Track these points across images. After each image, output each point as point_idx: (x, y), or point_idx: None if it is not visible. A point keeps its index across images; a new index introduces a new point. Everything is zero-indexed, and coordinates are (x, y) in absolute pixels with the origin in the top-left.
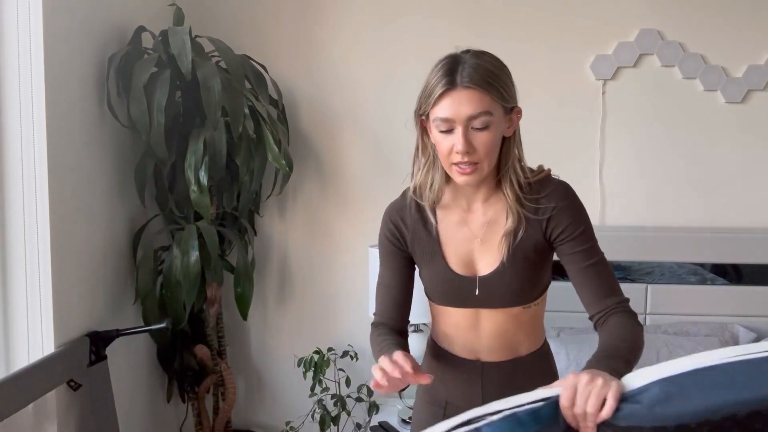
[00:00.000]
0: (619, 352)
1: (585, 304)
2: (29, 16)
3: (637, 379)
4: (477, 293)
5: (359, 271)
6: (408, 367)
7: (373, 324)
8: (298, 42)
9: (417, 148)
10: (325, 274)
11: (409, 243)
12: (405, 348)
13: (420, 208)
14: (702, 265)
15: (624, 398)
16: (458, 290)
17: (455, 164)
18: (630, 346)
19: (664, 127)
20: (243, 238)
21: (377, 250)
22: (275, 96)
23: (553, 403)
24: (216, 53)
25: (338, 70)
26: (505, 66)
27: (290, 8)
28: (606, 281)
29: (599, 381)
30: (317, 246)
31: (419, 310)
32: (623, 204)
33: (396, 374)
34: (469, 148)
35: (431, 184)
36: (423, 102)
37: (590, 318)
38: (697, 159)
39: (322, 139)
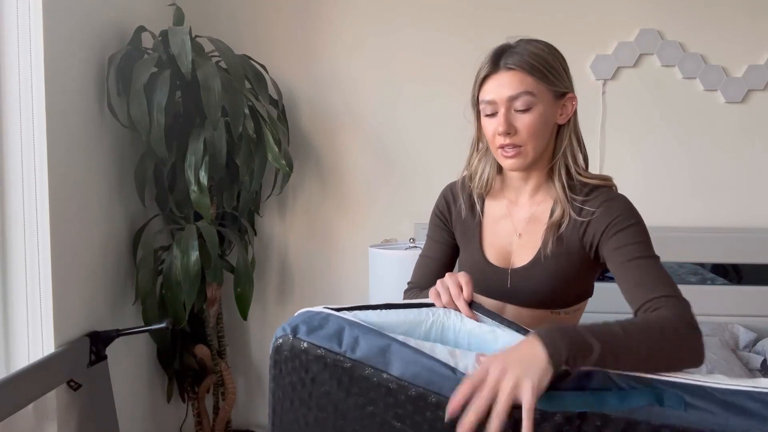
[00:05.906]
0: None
1: (628, 303)
2: (29, 16)
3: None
4: (509, 285)
5: (359, 271)
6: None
7: (405, 291)
8: (298, 42)
9: (474, 137)
10: (325, 274)
11: (454, 222)
12: None
13: (471, 193)
14: (702, 265)
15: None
16: (488, 280)
17: (500, 148)
18: (637, 331)
19: (664, 127)
20: (243, 238)
21: (377, 250)
22: (275, 96)
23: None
24: (216, 53)
25: (338, 70)
26: (557, 52)
27: (290, 8)
28: (652, 276)
29: (509, 377)
30: (317, 246)
31: None
32: None
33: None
34: (510, 128)
35: (482, 173)
36: (473, 89)
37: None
38: (697, 159)
39: (322, 139)
